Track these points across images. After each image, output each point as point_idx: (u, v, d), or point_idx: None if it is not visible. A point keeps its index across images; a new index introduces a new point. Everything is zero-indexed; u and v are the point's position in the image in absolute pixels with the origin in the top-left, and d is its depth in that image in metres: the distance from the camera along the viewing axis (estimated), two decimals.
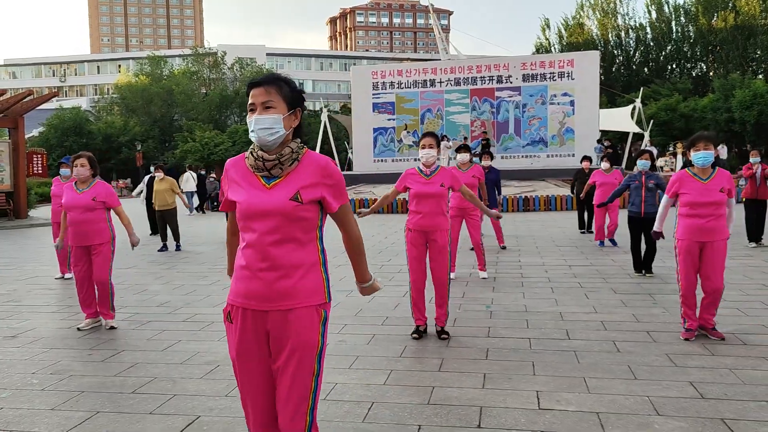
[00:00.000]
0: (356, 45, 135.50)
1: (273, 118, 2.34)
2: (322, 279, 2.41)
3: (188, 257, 10.91)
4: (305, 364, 2.35)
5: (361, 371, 4.61)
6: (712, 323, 5.26)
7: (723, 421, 3.59)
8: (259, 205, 2.33)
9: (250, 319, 2.38)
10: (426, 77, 30.62)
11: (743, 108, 39.31)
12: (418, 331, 5.51)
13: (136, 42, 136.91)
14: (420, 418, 3.73)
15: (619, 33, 58.96)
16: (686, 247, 5.19)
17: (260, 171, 2.37)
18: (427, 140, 5.48)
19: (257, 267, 2.34)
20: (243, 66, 60.08)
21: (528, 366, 4.65)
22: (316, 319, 2.37)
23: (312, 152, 2.44)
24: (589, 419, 3.66)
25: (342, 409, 3.87)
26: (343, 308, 6.69)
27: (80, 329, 5.94)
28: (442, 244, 5.37)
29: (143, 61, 61.38)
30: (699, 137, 5.23)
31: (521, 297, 7.03)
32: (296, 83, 2.50)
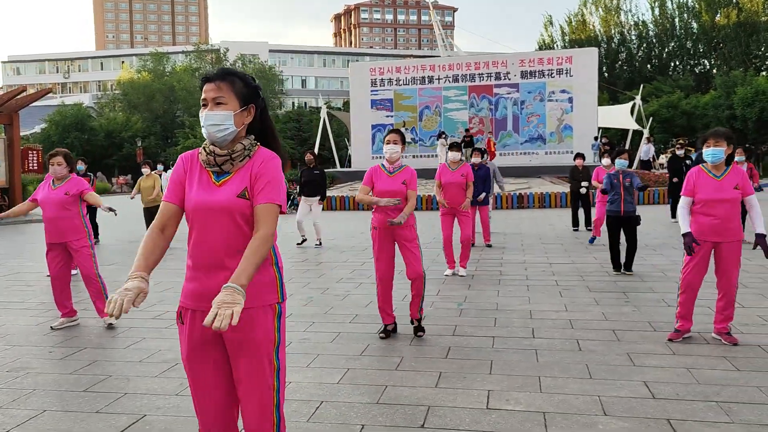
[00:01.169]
0: (360, 42, 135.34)
1: (223, 115, 2.29)
2: (274, 277, 2.36)
3: (173, 253, 10.88)
4: (264, 362, 2.31)
5: (318, 369, 4.60)
6: (727, 327, 5.07)
7: (668, 421, 3.56)
8: (207, 202, 2.28)
9: (200, 320, 2.30)
10: (424, 74, 30.57)
11: (745, 105, 39.13)
12: (386, 330, 5.49)
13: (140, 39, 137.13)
14: (365, 417, 3.71)
15: (622, 30, 58.76)
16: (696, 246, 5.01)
17: (211, 166, 2.32)
18: (392, 136, 5.46)
19: (206, 266, 2.30)
20: (245, 63, 60.17)
21: (486, 365, 4.62)
22: (270, 316, 2.32)
23: (264, 149, 2.38)
24: (534, 419, 3.63)
25: (289, 408, 3.85)
26: (314, 305, 6.69)
27: (54, 328, 5.93)
28: (410, 238, 5.34)
29: (146, 58, 61.48)
30: (710, 134, 5.06)
31: (495, 295, 7.01)
32: (252, 79, 2.44)
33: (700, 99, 44.12)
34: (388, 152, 5.43)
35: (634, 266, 8.22)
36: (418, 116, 30.65)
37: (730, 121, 40.25)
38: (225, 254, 2.28)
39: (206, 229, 2.30)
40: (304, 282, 8.03)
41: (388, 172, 5.44)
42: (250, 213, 2.29)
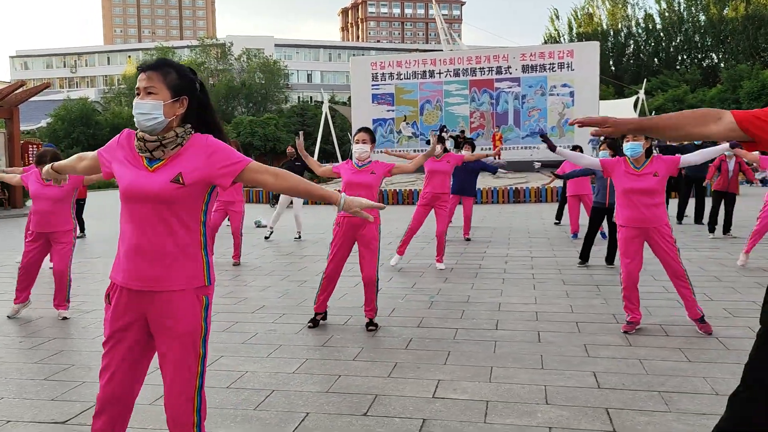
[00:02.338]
0: (367, 36, 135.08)
1: (152, 104, 2.34)
2: (201, 262, 2.42)
3: None
4: (190, 350, 2.38)
5: (277, 360, 4.68)
6: (697, 313, 5.09)
7: (607, 410, 3.62)
8: (141, 186, 2.34)
9: (126, 300, 2.39)
10: (425, 68, 30.53)
11: (751, 99, 38.88)
12: (315, 319, 5.55)
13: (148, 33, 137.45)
14: (312, 406, 3.79)
15: (629, 23, 58.44)
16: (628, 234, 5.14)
17: (143, 152, 2.39)
18: (361, 135, 5.52)
19: (136, 248, 2.36)
20: (250, 57, 60.27)
21: (443, 356, 4.69)
22: (197, 305, 2.40)
23: (199, 135, 2.42)
24: (475, 407, 3.70)
25: (239, 397, 3.94)
26: (288, 298, 6.77)
27: (10, 317, 6.02)
28: (370, 237, 5.40)
29: (152, 52, 61.69)
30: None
31: (469, 288, 7.07)
32: (191, 71, 2.49)
33: (706, 93, 43.88)
34: (357, 152, 5.49)
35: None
36: (419, 110, 30.63)
37: None
38: (155, 237, 2.35)
39: (138, 211, 2.36)
40: (284, 275, 8.12)
41: (357, 165, 5.51)
42: (184, 198, 2.36)
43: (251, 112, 57.04)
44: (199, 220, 2.44)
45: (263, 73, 58.97)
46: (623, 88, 47.38)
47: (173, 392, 2.41)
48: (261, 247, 10.72)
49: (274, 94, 60.73)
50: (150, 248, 2.35)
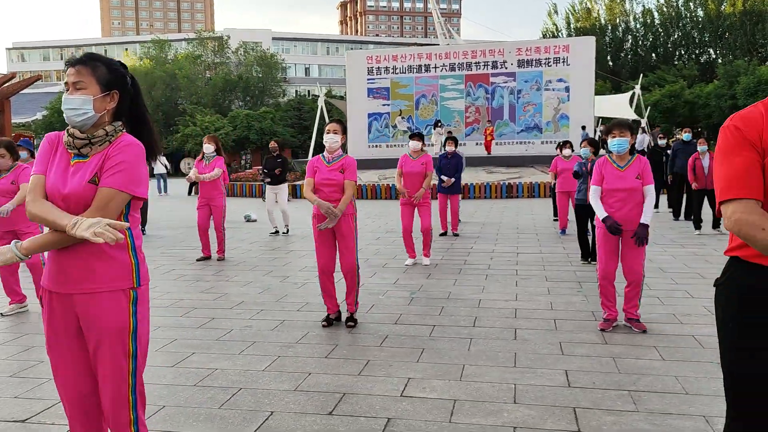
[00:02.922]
0: (366, 29, 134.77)
1: (81, 99, 2.29)
2: (130, 263, 2.37)
3: (147, 241, 10.98)
4: (118, 346, 2.34)
5: (249, 357, 4.63)
6: (635, 314, 5.16)
7: (574, 409, 3.58)
8: (60, 186, 2.30)
9: (56, 303, 2.36)
10: (421, 62, 30.43)
11: (747, 95, 38.74)
12: (328, 319, 5.51)
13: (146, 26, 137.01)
14: (278, 404, 3.75)
15: (627, 18, 58.26)
16: (605, 232, 5.13)
17: (72, 149, 2.34)
18: (332, 125, 5.46)
19: (59, 251, 2.32)
20: (247, 50, 59.98)
21: (417, 353, 4.65)
22: (124, 301, 2.34)
23: (127, 135, 2.37)
24: (442, 406, 3.66)
25: (205, 395, 3.90)
26: (269, 293, 6.73)
27: (4, 315, 5.98)
28: (346, 230, 5.35)
29: (148, 45, 61.42)
30: (614, 124, 5.19)
31: (452, 284, 7.02)
32: (121, 65, 2.44)
33: (703, 89, 43.74)
34: (327, 141, 5.43)
35: None
36: (414, 105, 30.55)
37: (733, 111, 39.86)
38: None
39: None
40: (267, 270, 8.06)
41: (327, 162, 5.45)
42: None
43: (248, 106, 56.84)
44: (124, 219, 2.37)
45: (260, 66, 58.67)
46: (620, 84, 47.25)
47: (105, 390, 2.37)
48: (248, 241, 10.67)
49: (271, 88, 60.45)
50: (72, 249, 2.30)
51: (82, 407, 2.43)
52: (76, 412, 2.43)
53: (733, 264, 2.01)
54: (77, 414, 2.44)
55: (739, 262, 1.98)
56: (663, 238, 10.07)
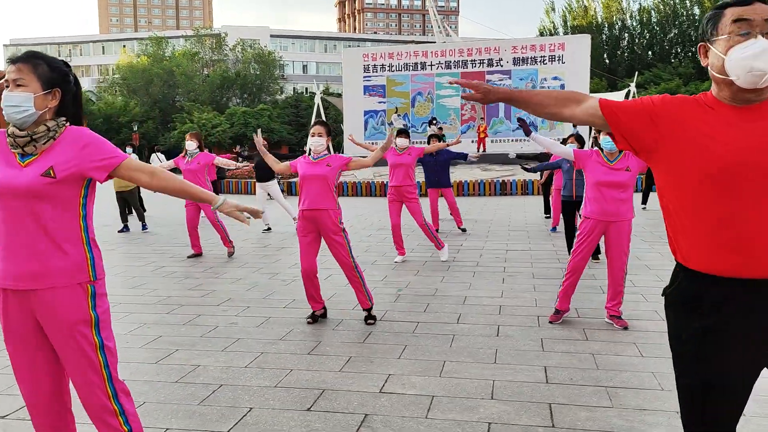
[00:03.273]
0: (364, 27, 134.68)
1: (22, 97, 2.29)
2: (85, 257, 2.38)
3: (140, 238, 11.01)
4: (82, 340, 2.35)
5: (232, 354, 4.66)
6: (617, 311, 5.22)
7: (550, 405, 3.62)
8: (12, 182, 2.29)
9: (11, 300, 2.36)
10: (417, 60, 30.44)
11: None
12: (313, 315, 5.54)
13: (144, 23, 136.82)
14: (257, 401, 3.78)
15: (624, 16, 58.28)
16: (590, 226, 5.16)
17: (15, 148, 2.34)
18: (317, 129, 5.48)
19: (12, 247, 2.32)
20: (245, 48, 59.96)
21: (399, 350, 4.68)
22: (81, 294, 2.36)
23: (73, 127, 2.39)
24: (420, 402, 3.70)
25: (186, 392, 3.93)
26: (256, 290, 6.76)
27: None
28: (331, 228, 5.37)
29: (146, 42, 61.36)
30: None
31: (439, 281, 7.06)
32: (64, 64, 2.45)
33: (699, 86, 43.79)
34: (312, 145, 5.46)
35: None
36: (410, 102, 30.56)
37: None
38: (33, 234, 2.31)
39: (10, 209, 2.31)
40: (257, 267, 8.09)
41: (312, 158, 5.49)
42: (58, 192, 2.32)
43: (246, 103, 56.85)
44: (78, 214, 2.39)
45: (258, 64, 58.67)
46: (616, 82, 47.32)
47: (78, 384, 2.39)
48: (240, 238, 10.69)
49: (268, 85, 60.45)
50: (25, 246, 2.31)
51: (41, 404, 2.43)
52: (37, 410, 2.44)
53: (680, 272, 2.01)
54: (38, 411, 2.44)
55: (684, 271, 1.98)
56: (651, 235, 10.11)
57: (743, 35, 1.84)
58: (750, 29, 1.84)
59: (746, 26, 1.84)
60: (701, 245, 1.90)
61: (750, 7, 1.85)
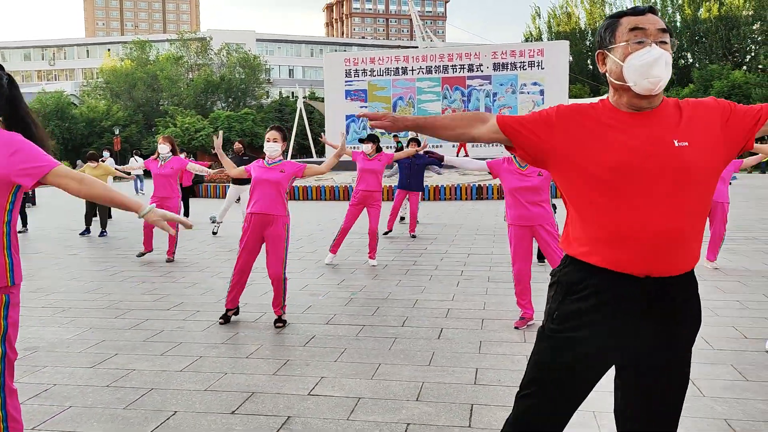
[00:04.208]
0: (352, 32, 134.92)
1: None
2: (3, 263, 2.39)
3: (105, 242, 10.97)
4: None
5: (170, 358, 4.67)
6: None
7: (472, 406, 3.66)
8: None
9: None
10: (398, 65, 30.56)
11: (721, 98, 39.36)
12: (226, 315, 5.57)
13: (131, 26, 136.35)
14: (184, 404, 3.79)
15: None
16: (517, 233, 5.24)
17: None
18: (272, 134, 5.52)
19: None
20: (230, 52, 59.91)
21: (337, 353, 4.71)
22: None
23: (4, 132, 2.37)
24: (345, 405, 3.73)
25: (114, 396, 3.94)
26: (211, 294, 6.76)
27: None
28: (276, 235, 5.40)
29: (130, 46, 61.16)
30: None
31: (394, 285, 7.09)
32: None
33: (679, 92, 44.24)
34: (267, 150, 5.50)
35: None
36: (392, 107, 30.63)
37: None
38: None
39: None
40: (216, 271, 8.10)
41: (267, 163, 5.52)
42: None
43: (230, 107, 56.76)
44: (3, 220, 2.39)
45: (242, 68, 58.63)
46: (599, 87, 47.68)
47: None
48: (206, 243, 10.68)
49: (254, 90, 60.42)
50: None
51: None
52: None
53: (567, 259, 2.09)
54: None
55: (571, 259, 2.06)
56: None
57: (639, 43, 1.94)
58: (645, 38, 1.94)
59: (641, 35, 1.94)
60: (592, 239, 1.98)
61: (644, 17, 1.96)
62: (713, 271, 7.52)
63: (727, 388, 3.85)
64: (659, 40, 1.93)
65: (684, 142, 1.90)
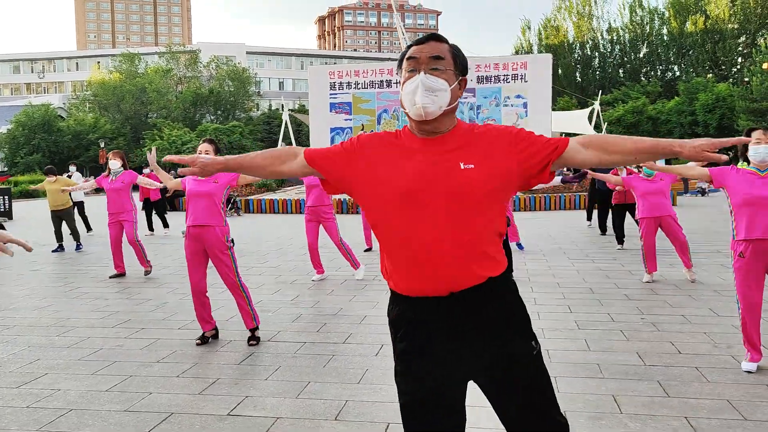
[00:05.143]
0: (344, 44, 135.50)
1: None
2: None
3: (69, 258, 10.91)
4: None
5: (100, 377, 4.63)
6: None
7: (388, 424, 3.64)
8: None
9: None
10: (383, 78, 30.55)
11: (706, 111, 39.61)
12: (203, 337, 5.52)
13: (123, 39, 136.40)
14: (99, 425, 3.76)
15: (595, 35, 59.17)
16: None
17: None
18: (204, 146, 5.50)
19: None
20: (219, 64, 60.00)
21: (269, 371, 4.68)
22: None
23: None
24: (261, 425, 3.70)
25: (31, 417, 3.90)
26: (161, 311, 6.72)
27: None
28: (218, 245, 5.37)
29: (118, 58, 61.17)
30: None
31: (347, 300, 7.06)
32: None
33: (665, 105, 44.52)
34: None
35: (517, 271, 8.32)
36: (376, 120, 30.61)
37: (692, 127, 40.71)
38: None
39: None
40: (173, 288, 8.05)
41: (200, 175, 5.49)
42: None
43: (219, 120, 56.73)
44: None
45: (232, 80, 58.70)
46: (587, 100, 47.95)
47: None
48: (172, 258, 10.63)
49: (243, 102, 60.46)
50: None
51: None
52: None
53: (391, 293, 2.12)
54: None
55: (392, 292, 2.09)
56: (580, 252, 10.22)
57: (411, 72, 2.02)
58: (416, 66, 2.01)
59: (413, 64, 2.02)
60: (395, 267, 2.04)
61: (420, 46, 2.03)
62: (666, 284, 7.52)
63: (645, 405, 3.84)
64: (431, 68, 1.99)
65: (470, 164, 1.96)
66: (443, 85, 1.98)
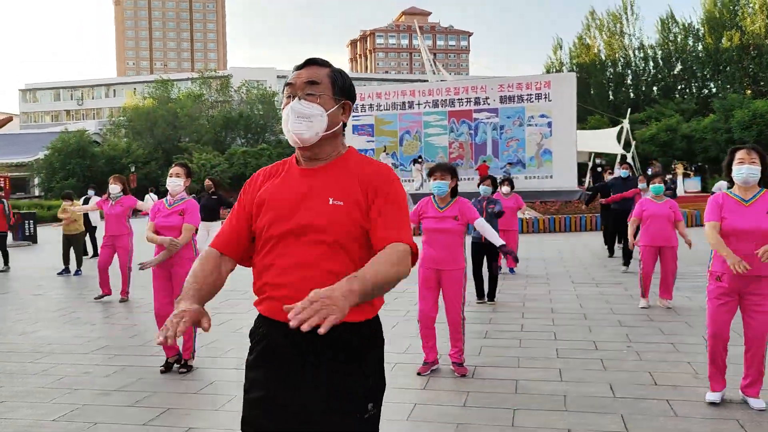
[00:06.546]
0: (376, 67, 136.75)
1: None
2: None
3: (75, 284, 11.01)
4: None
5: (55, 406, 4.57)
6: (458, 358, 5.10)
7: None
8: None
9: None
10: (405, 99, 30.68)
11: (742, 128, 38.61)
12: (167, 363, 5.44)
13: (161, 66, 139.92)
14: None
15: (627, 53, 58.51)
16: (424, 274, 5.07)
17: None
18: (175, 169, 5.48)
19: None
20: (249, 89, 61.04)
21: (224, 400, 4.56)
22: None
23: None
24: None
25: None
26: (138, 338, 6.67)
27: None
28: (181, 273, 5.31)
29: (153, 84, 62.65)
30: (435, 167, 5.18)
31: None
32: None
33: (700, 122, 43.61)
34: (169, 185, 5.45)
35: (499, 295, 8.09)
36: (398, 141, 30.71)
37: (728, 145, 39.67)
38: None
39: None
40: None
41: (168, 205, 5.45)
42: None
43: (249, 143, 57.52)
44: None
45: (262, 104, 59.57)
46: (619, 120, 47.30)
47: None
48: None
49: (273, 125, 61.27)
50: None
51: None
52: None
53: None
54: None
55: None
56: (587, 275, 9.91)
57: (288, 98, 2.04)
58: (292, 92, 2.02)
59: (290, 90, 2.03)
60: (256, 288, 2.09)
61: (297, 72, 2.06)
62: (664, 310, 7.20)
63: None
64: (306, 93, 1.99)
65: (339, 201, 1.95)
66: (317, 110, 1.97)
